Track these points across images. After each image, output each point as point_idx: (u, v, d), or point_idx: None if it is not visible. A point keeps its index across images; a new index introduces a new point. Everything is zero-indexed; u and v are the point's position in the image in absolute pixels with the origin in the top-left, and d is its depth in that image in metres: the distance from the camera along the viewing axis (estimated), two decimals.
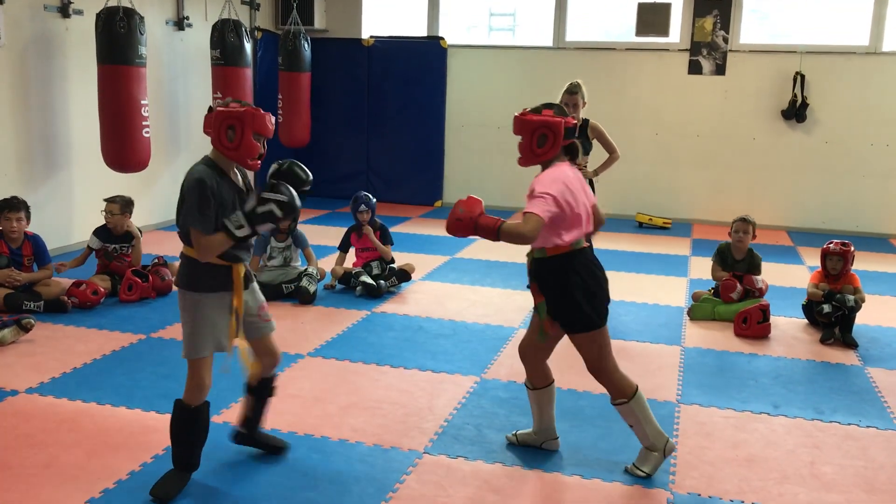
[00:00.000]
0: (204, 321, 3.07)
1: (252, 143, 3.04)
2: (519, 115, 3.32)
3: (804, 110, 9.46)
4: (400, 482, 3.33)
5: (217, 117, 3.03)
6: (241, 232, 2.98)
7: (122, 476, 3.29)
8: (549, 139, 3.25)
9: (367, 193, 6.56)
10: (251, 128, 3.02)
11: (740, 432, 3.95)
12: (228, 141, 3.01)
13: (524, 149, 3.32)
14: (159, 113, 8.16)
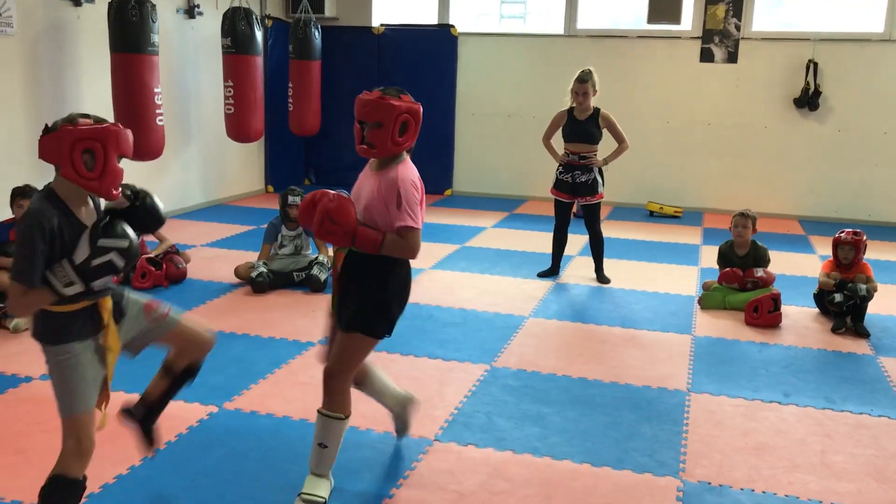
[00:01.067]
0: (76, 375, 2.58)
1: (118, 168, 2.51)
2: (377, 98, 2.95)
3: (817, 98, 9.39)
4: (411, 469, 3.35)
5: (65, 140, 2.42)
6: (70, 290, 2.45)
7: (136, 462, 3.32)
8: (411, 127, 2.98)
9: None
10: (116, 150, 2.49)
11: (750, 421, 3.95)
12: (87, 170, 2.44)
13: (382, 137, 2.91)
14: (171, 101, 8.18)
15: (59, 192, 2.51)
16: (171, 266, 6.00)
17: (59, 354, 2.58)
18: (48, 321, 2.57)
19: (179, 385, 3.10)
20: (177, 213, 8.68)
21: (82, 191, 2.51)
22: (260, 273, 5.85)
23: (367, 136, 2.93)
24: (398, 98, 2.98)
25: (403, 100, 2.99)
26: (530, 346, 4.92)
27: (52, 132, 2.46)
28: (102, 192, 2.51)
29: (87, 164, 2.45)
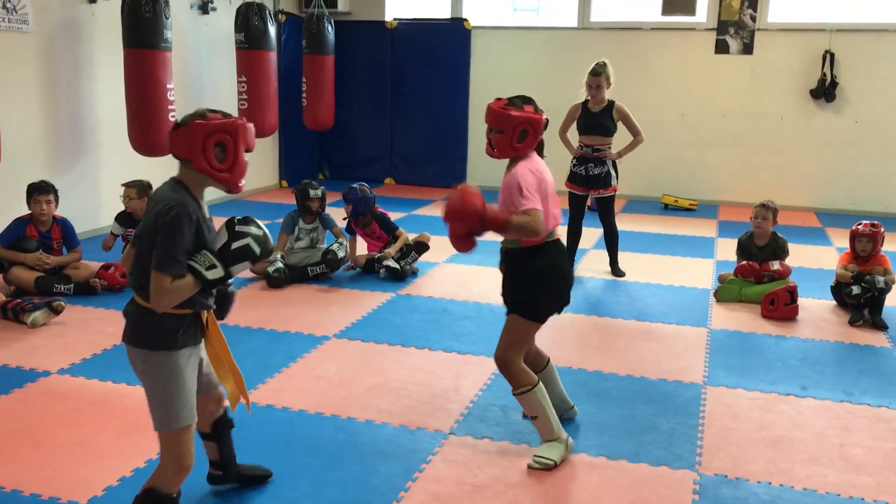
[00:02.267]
0: (179, 384, 2.54)
1: (245, 161, 2.60)
2: (500, 108, 3.27)
3: (833, 89, 9.31)
4: (426, 462, 3.35)
5: (198, 133, 2.50)
6: (212, 274, 2.47)
7: (153, 455, 3.33)
8: (530, 135, 3.26)
9: (354, 186, 6.34)
10: (244, 143, 2.58)
11: (767, 414, 3.92)
12: (218, 161, 2.53)
13: (502, 142, 3.26)
14: (185, 97, 8.20)
15: (188, 184, 2.56)
16: None
17: (162, 362, 2.51)
18: (155, 325, 2.50)
19: (225, 436, 3.02)
20: None
21: (206, 184, 2.57)
22: (277, 269, 5.86)
23: (492, 140, 3.30)
24: (521, 108, 3.26)
25: (525, 110, 3.27)
26: (545, 339, 4.89)
27: (184, 127, 2.51)
28: (232, 184, 2.58)
29: (217, 157, 2.51)
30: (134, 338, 2.53)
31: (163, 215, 2.44)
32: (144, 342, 2.51)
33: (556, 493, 3.14)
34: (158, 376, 2.52)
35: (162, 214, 2.44)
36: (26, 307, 4.89)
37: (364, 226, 6.38)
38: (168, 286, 2.41)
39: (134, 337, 2.54)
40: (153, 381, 2.54)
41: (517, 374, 3.33)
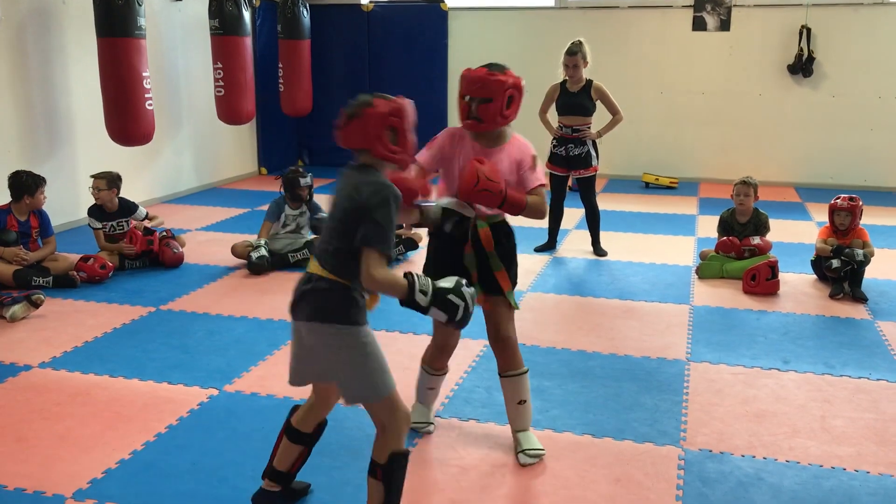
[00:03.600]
0: (379, 352, 2.57)
1: (413, 138, 2.65)
2: (486, 74, 3.02)
3: (811, 64, 9.35)
4: (412, 445, 3.35)
5: (372, 122, 2.49)
6: (420, 298, 2.48)
7: (138, 447, 3.32)
8: (516, 100, 3.07)
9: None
10: (410, 122, 2.62)
11: (750, 388, 3.96)
12: (393, 144, 2.54)
13: (492, 111, 3.00)
14: (160, 85, 8.11)
15: (377, 168, 2.57)
16: (167, 251, 5.98)
17: (364, 336, 2.52)
18: (352, 301, 2.50)
19: (311, 447, 2.91)
20: (170, 197, 8.64)
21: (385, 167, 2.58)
22: (260, 256, 5.82)
23: (477, 110, 3.04)
24: (503, 73, 3.07)
25: (508, 74, 3.08)
26: (529, 320, 4.92)
27: (357, 119, 2.50)
28: (406, 164, 2.63)
29: (391, 140, 2.54)
30: (326, 314, 2.50)
31: (378, 193, 2.44)
32: (342, 318, 2.49)
33: (543, 472, 3.16)
34: (361, 349, 2.52)
35: (377, 192, 2.44)
36: (5, 301, 4.84)
37: None
38: (384, 271, 2.42)
39: (325, 313, 2.50)
40: (356, 356, 2.52)
41: (518, 354, 3.25)
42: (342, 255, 2.48)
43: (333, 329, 2.50)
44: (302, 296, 2.54)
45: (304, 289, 2.54)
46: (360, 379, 2.54)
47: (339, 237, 2.49)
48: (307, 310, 2.53)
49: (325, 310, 2.50)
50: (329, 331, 2.51)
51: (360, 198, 2.45)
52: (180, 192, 8.85)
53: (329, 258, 2.51)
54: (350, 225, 2.45)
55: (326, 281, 2.50)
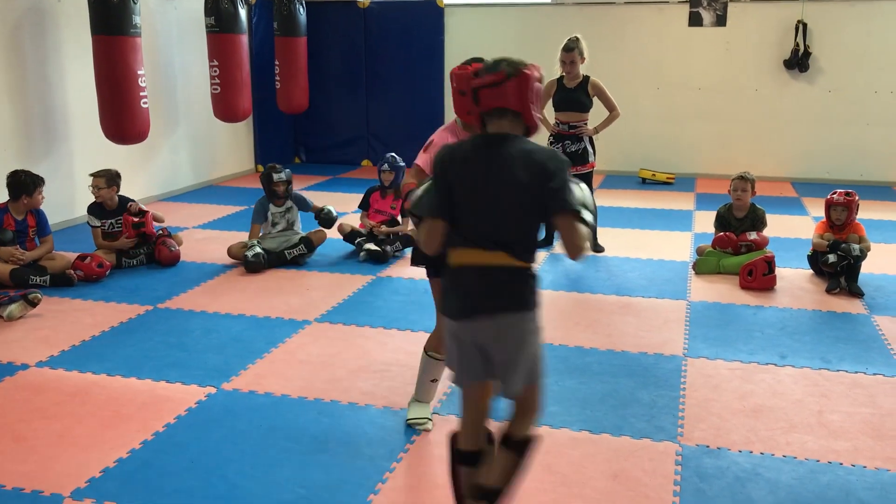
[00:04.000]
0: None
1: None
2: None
3: (807, 59, 9.35)
4: (410, 443, 3.36)
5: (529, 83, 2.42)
6: (588, 218, 2.39)
7: (135, 445, 3.32)
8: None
9: (395, 155, 6.56)
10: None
11: (747, 383, 3.96)
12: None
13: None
14: (156, 83, 8.09)
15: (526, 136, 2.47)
16: (163, 249, 5.98)
17: (538, 320, 2.47)
18: (536, 283, 2.46)
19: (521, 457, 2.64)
20: (167, 195, 8.62)
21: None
22: (256, 254, 5.82)
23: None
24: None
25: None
26: None
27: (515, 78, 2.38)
28: (535, 132, 2.51)
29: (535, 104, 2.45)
30: (522, 302, 2.42)
31: (553, 157, 2.37)
32: (534, 304, 2.44)
33: (540, 468, 3.16)
34: (537, 334, 2.48)
35: (553, 156, 2.37)
36: (2, 300, 4.83)
37: (396, 197, 6.43)
38: (582, 230, 2.34)
39: (522, 301, 2.42)
40: (534, 338, 2.47)
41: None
42: (528, 236, 2.41)
43: (527, 315, 2.42)
44: (492, 290, 2.40)
45: (491, 282, 2.39)
46: (536, 362, 2.49)
47: (524, 216, 2.37)
48: (501, 302, 2.40)
49: (519, 298, 2.41)
50: (522, 318, 2.42)
51: (544, 167, 2.33)
52: (177, 190, 8.84)
53: (515, 244, 2.38)
54: (535, 198, 2.33)
55: (515, 269, 2.40)
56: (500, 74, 2.39)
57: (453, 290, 2.46)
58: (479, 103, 2.42)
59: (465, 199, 2.39)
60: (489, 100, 2.40)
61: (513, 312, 2.41)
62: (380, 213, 6.43)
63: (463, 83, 2.65)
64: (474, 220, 2.39)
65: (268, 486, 3.03)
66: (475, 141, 2.44)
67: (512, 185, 2.34)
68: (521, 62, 2.43)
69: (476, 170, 2.38)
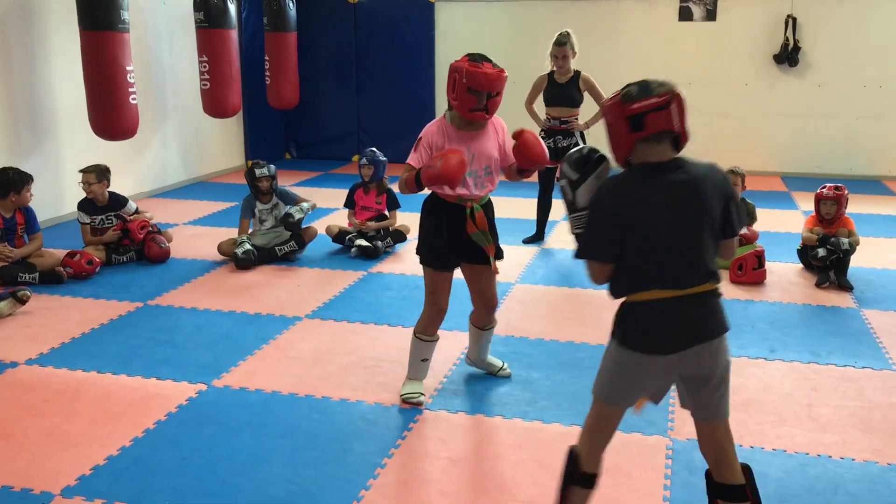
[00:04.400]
0: None
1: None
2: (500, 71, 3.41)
3: (796, 54, 9.38)
4: (402, 438, 3.36)
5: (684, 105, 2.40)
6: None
7: (126, 443, 3.31)
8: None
9: (374, 149, 6.50)
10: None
11: (737, 377, 3.96)
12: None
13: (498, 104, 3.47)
14: (145, 79, 8.06)
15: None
16: (153, 246, 5.95)
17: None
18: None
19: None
20: (157, 192, 8.59)
21: None
22: (246, 250, 5.80)
23: (490, 104, 3.38)
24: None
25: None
26: (517, 312, 4.93)
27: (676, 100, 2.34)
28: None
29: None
30: (725, 325, 2.38)
31: (726, 179, 2.40)
32: (728, 323, 2.41)
33: (532, 463, 3.17)
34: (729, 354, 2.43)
35: (726, 179, 2.39)
36: None
37: (379, 192, 6.37)
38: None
39: (724, 324, 2.38)
40: (729, 364, 2.43)
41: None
42: (711, 259, 2.35)
43: (726, 336, 2.40)
44: (705, 317, 2.34)
45: (702, 312, 2.34)
46: (728, 384, 2.44)
47: (714, 239, 2.34)
48: (710, 328, 2.35)
49: (724, 321, 2.39)
50: (725, 339, 2.40)
51: (725, 189, 2.34)
52: (167, 186, 8.81)
53: (712, 268, 2.35)
54: (721, 222, 2.33)
55: (713, 294, 2.36)
56: (666, 96, 2.30)
57: (651, 324, 2.34)
58: (643, 128, 2.30)
59: (658, 238, 2.29)
60: (656, 124, 2.29)
61: (721, 335, 2.38)
62: (366, 209, 6.40)
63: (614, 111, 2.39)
64: (673, 261, 2.30)
65: (259, 482, 3.02)
66: (649, 174, 2.33)
67: (709, 212, 2.31)
68: (669, 82, 2.36)
69: (666, 206, 2.29)
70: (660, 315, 2.32)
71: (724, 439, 2.47)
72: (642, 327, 2.34)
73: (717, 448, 2.48)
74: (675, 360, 2.35)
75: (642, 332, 2.34)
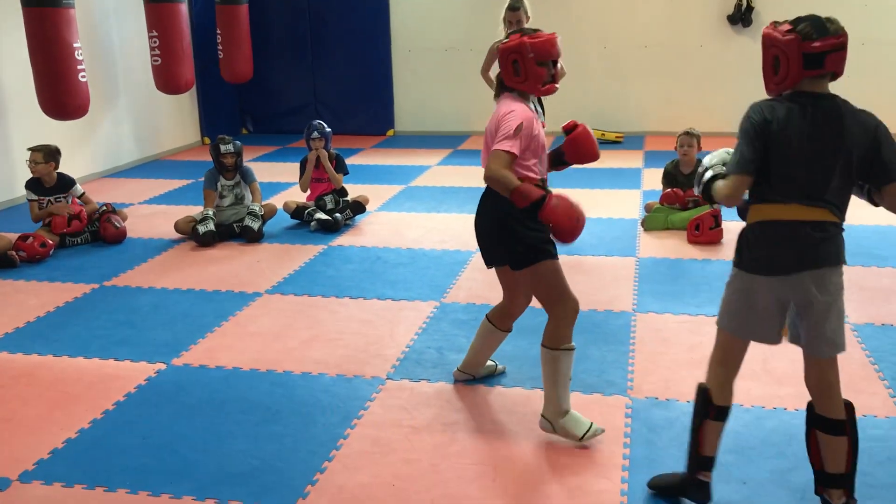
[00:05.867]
0: None
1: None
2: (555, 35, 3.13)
3: (750, 14, 9.44)
4: (364, 409, 3.37)
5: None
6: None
7: (85, 425, 3.27)
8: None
9: (322, 122, 6.42)
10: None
11: (695, 336, 4.04)
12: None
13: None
14: (94, 56, 7.86)
15: None
16: (108, 226, 5.85)
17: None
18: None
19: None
20: (110, 171, 8.43)
21: None
22: (207, 230, 5.71)
23: (554, 74, 3.14)
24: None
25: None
26: (479, 280, 4.94)
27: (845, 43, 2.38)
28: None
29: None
30: (840, 256, 2.45)
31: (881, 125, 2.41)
32: (843, 257, 2.47)
33: (493, 428, 3.20)
34: (843, 292, 2.48)
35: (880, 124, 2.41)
36: None
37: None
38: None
39: (841, 256, 2.45)
40: (841, 299, 2.48)
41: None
42: (849, 194, 2.44)
43: (840, 270, 2.46)
44: (820, 244, 2.41)
45: (819, 237, 2.40)
46: (843, 325, 2.48)
47: (850, 175, 2.40)
48: (828, 257, 2.43)
49: (837, 253, 2.45)
50: (838, 272, 2.45)
51: (878, 133, 2.38)
52: (121, 165, 8.64)
53: (839, 201, 2.42)
54: (862, 160, 2.38)
55: (837, 225, 2.43)
56: (843, 37, 2.36)
57: (770, 244, 2.45)
58: (821, 66, 2.36)
59: (795, 154, 2.38)
60: (834, 63, 2.36)
61: (833, 266, 2.44)
62: (320, 181, 6.32)
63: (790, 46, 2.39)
64: (803, 177, 2.39)
65: (221, 458, 3.01)
66: (802, 100, 2.40)
67: (847, 150, 2.36)
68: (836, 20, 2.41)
69: (807, 129, 2.38)
70: (777, 235, 2.42)
71: (830, 375, 2.51)
72: (758, 248, 2.46)
73: (821, 382, 2.53)
74: (785, 283, 2.44)
75: (757, 253, 2.46)
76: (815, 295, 2.43)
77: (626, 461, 2.96)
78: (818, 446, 2.56)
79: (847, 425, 2.51)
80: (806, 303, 2.45)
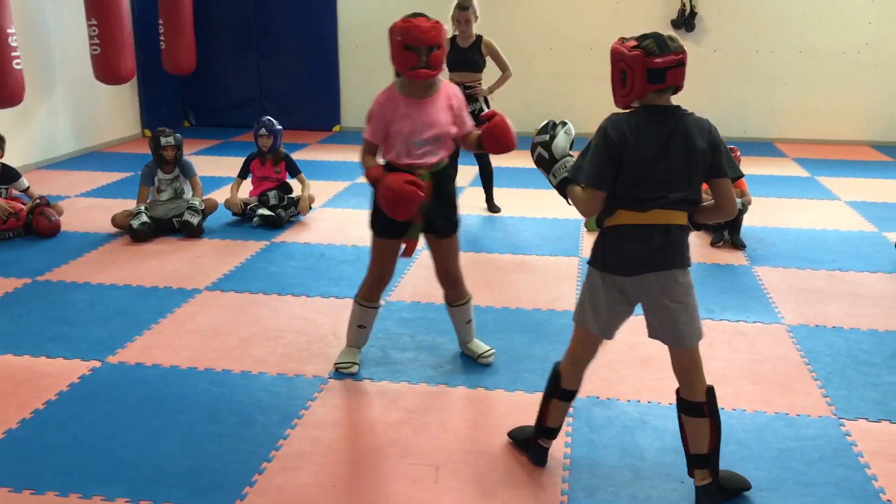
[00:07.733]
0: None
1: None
2: (436, 23, 3.34)
3: (693, 19, 9.60)
4: (305, 408, 3.32)
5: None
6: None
7: (12, 425, 3.16)
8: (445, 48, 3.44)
9: (271, 118, 6.30)
10: None
11: (636, 335, 4.03)
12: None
13: (440, 59, 3.33)
14: (29, 43, 7.61)
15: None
16: (42, 220, 5.67)
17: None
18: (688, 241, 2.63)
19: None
20: (46, 163, 8.18)
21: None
22: (142, 222, 5.58)
23: (428, 60, 3.26)
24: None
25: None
26: (425, 277, 4.91)
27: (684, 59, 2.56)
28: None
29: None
30: (683, 259, 2.59)
31: (714, 129, 2.59)
32: (688, 260, 2.61)
33: (436, 426, 3.18)
34: (692, 289, 2.63)
35: (713, 128, 2.59)
36: None
37: (275, 161, 6.17)
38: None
39: (683, 258, 2.59)
40: (690, 297, 2.62)
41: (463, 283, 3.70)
42: (694, 198, 2.56)
43: (683, 273, 2.59)
44: (662, 248, 2.54)
45: (663, 242, 2.54)
46: (690, 319, 2.61)
47: (694, 179, 2.54)
48: (668, 260, 2.56)
49: (682, 256, 2.59)
50: (680, 276, 2.58)
51: (712, 136, 2.55)
52: (57, 157, 8.39)
53: (686, 205, 2.56)
54: (705, 164, 2.53)
55: (677, 228, 2.56)
56: (683, 54, 2.54)
57: (623, 247, 2.58)
58: (663, 81, 2.52)
59: (647, 167, 2.51)
60: (675, 78, 2.54)
61: (677, 269, 2.58)
62: (266, 179, 6.22)
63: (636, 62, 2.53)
64: (655, 185, 2.52)
65: (156, 459, 2.94)
66: (649, 113, 2.56)
67: (692, 153, 2.52)
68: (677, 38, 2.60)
69: (659, 139, 2.52)
70: (624, 238, 2.57)
71: (686, 360, 2.68)
72: (607, 249, 2.62)
73: (681, 368, 2.71)
74: (632, 283, 2.60)
75: (606, 253, 2.62)
76: (660, 297, 2.59)
77: (567, 461, 2.98)
78: (685, 429, 2.73)
79: (706, 407, 2.68)
80: (652, 303, 2.62)
